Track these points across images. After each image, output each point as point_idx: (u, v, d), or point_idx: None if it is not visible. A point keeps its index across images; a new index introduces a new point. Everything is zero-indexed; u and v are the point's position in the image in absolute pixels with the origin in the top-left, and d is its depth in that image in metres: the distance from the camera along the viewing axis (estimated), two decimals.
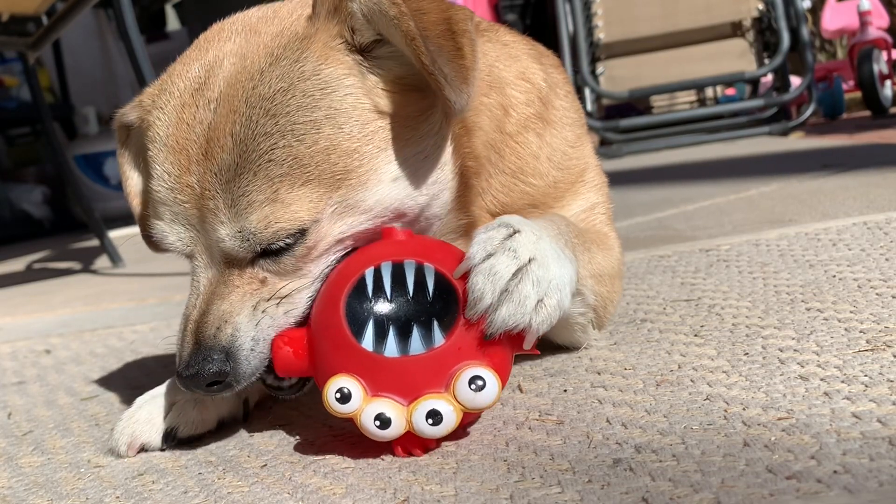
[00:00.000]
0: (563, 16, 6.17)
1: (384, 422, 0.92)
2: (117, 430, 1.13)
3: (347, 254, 1.04)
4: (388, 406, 0.92)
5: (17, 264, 4.63)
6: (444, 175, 1.09)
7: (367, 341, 0.94)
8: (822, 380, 0.96)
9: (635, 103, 7.77)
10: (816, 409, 0.88)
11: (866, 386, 0.92)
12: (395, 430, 0.92)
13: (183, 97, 1.04)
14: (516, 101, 1.22)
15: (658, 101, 8.86)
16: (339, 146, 0.99)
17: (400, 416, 0.92)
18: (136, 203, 1.29)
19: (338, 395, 0.93)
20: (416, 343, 0.94)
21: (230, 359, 1.01)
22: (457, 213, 1.15)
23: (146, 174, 1.13)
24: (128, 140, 1.25)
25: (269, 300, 1.03)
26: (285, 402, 1.26)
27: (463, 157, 1.13)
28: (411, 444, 0.94)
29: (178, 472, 1.03)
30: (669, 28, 6.25)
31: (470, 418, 0.97)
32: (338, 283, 0.98)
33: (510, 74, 1.23)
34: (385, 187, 1.03)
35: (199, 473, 1.02)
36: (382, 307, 0.96)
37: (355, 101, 1.01)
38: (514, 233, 0.99)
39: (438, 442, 0.96)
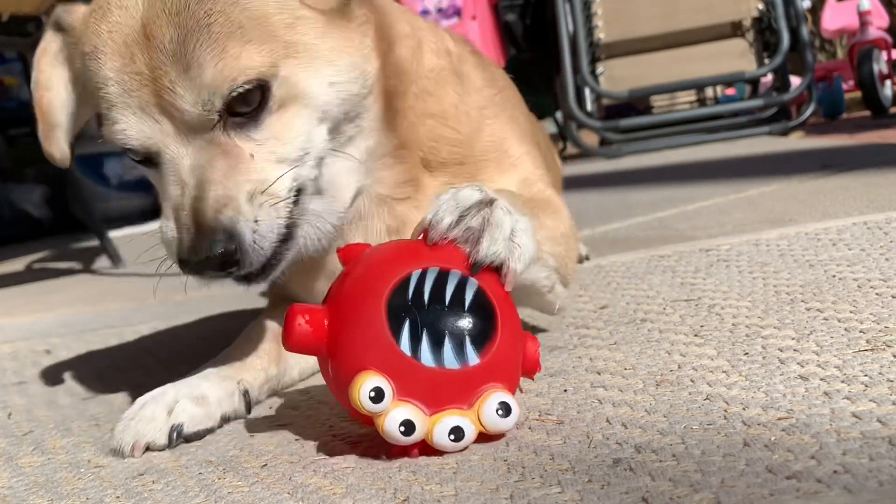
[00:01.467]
0: (563, 16, 6.16)
1: (409, 428, 0.90)
2: (119, 431, 1.13)
3: (390, 250, 1.03)
4: (414, 413, 0.91)
5: (17, 264, 4.63)
6: (369, 80, 1.18)
7: (405, 344, 0.93)
8: (822, 380, 0.96)
9: (635, 103, 7.77)
10: (816, 408, 0.88)
11: (866, 386, 0.92)
12: (415, 438, 0.91)
13: (114, 2, 1.08)
14: (428, 48, 1.32)
15: (658, 100, 8.87)
16: (273, 17, 1.06)
17: (423, 424, 0.91)
18: (43, 95, 1.26)
19: (372, 394, 0.90)
20: (449, 356, 0.93)
21: (234, 238, 1.03)
22: (387, 133, 1.24)
23: (89, 87, 1.14)
24: (61, 33, 1.23)
25: (263, 192, 1.06)
26: (288, 391, 1.26)
27: (387, 74, 1.22)
28: (412, 445, 0.94)
29: (178, 472, 1.03)
30: (669, 28, 6.25)
31: (481, 438, 0.97)
32: (382, 277, 0.96)
33: (424, 31, 1.34)
34: (321, 77, 1.10)
35: (199, 473, 1.02)
36: (419, 312, 0.94)
37: None
38: (461, 189, 1.04)
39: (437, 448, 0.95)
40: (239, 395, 1.20)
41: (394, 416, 0.90)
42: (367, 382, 0.91)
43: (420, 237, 1.01)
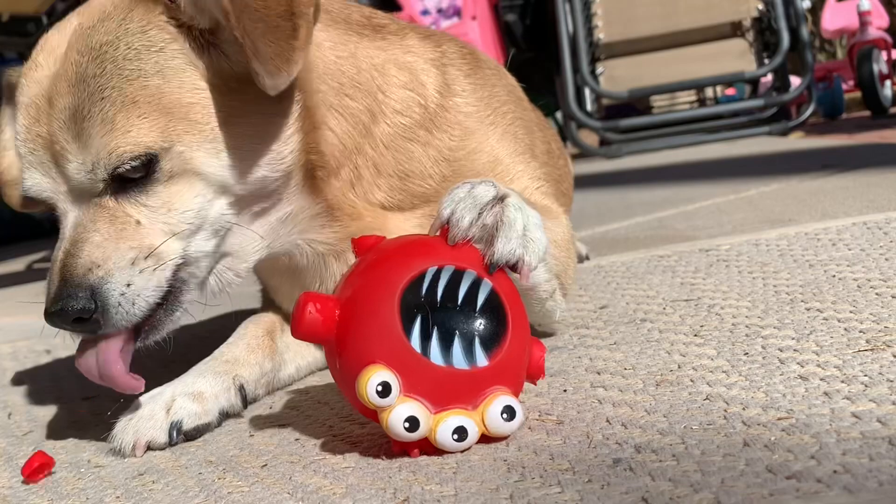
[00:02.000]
0: (562, 16, 6.16)
1: (413, 424, 0.90)
2: (119, 431, 1.13)
3: (407, 245, 1.02)
4: (419, 410, 0.91)
5: (17, 264, 4.63)
6: (284, 164, 1.18)
7: (415, 341, 0.93)
8: (821, 380, 0.96)
9: (635, 103, 7.77)
10: (816, 408, 0.88)
11: (866, 386, 0.92)
12: (419, 435, 0.91)
13: (36, 59, 1.15)
14: (389, 108, 1.28)
15: (658, 100, 8.87)
16: (169, 94, 1.09)
17: (427, 422, 0.91)
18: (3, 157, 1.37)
19: (379, 388, 0.90)
20: (458, 355, 0.93)
21: (96, 297, 1.06)
22: (312, 198, 1.23)
23: None
24: (11, 99, 1.30)
25: (147, 258, 1.09)
26: (287, 391, 1.26)
27: (308, 151, 1.20)
28: (412, 444, 0.94)
29: (178, 472, 1.03)
30: (669, 28, 6.25)
31: (482, 439, 0.96)
32: (398, 272, 0.95)
33: (391, 83, 1.29)
34: (220, 158, 1.12)
35: (199, 473, 1.02)
36: (432, 310, 0.94)
37: (183, 63, 1.11)
38: (476, 185, 1.05)
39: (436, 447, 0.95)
40: (235, 389, 1.21)
41: (399, 411, 0.90)
42: (374, 376, 0.90)
43: (437, 233, 1.01)
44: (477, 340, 0.94)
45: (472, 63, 1.46)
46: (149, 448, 1.12)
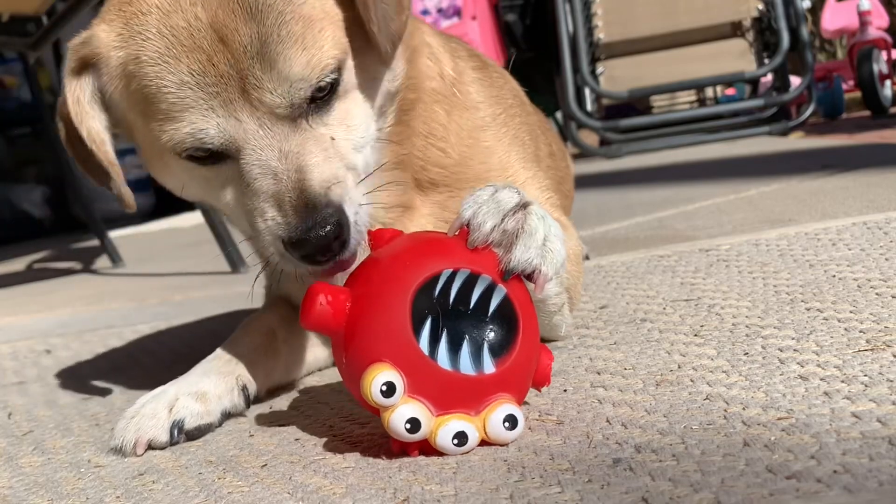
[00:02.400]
0: (562, 16, 6.16)
1: (414, 426, 0.90)
2: (121, 429, 1.13)
3: (424, 243, 1.01)
4: (422, 412, 0.91)
5: (17, 264, 4.63)
6: (398, 80, 1.22)
7: (424, 342, 0.92)
8: (821, 379, 0.96)
9: (635, 103, 7.77)
10: (816, 408, 0.88)
11: (866, 386, 0.92)
12: (419, 436, 0.91)
13: (150, 8, 1.07)
14: (422, 74, 1.30)
15: (658, 100, 8.86)
16: (331, 9, 1.11)
17: (428, 424, 0.91)
18: (103, 140, 1.22)
19: (384, 388, 0.90)
20: (465, 360, 0.93)
21: (341, 217, 1.04)
22: (390, 146, 1.24)
23: (135, 99, 1.12)
24: (84, 74, 1.18)
25: (354, 176, 1.10)
26: (287, 391, 1.26)
27: (405, 84, 1.24)
28: (412, 445, 0.94)
29: (178, 472, 1.03)
30: (669, 28, 6.25)
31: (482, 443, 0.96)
32: (412, 271, 0.95)
33: (420, 51, 1.31)
34: (369, 69, 1.15)
35: (199, 473, 1.02)
36: (443, 312, 0.94)
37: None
38: (500, 189, 1.04)
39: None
40: (238, 390, 1.21)
41: (401, 412, 0.90)
42: (380, 375, 0.90)
43: (457, 233, 1.00)
44: (486, 347, 0.94)
45: (480, 62, 1.48)
46: (150, 447, 1.12)
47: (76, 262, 4.26)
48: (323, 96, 1.09)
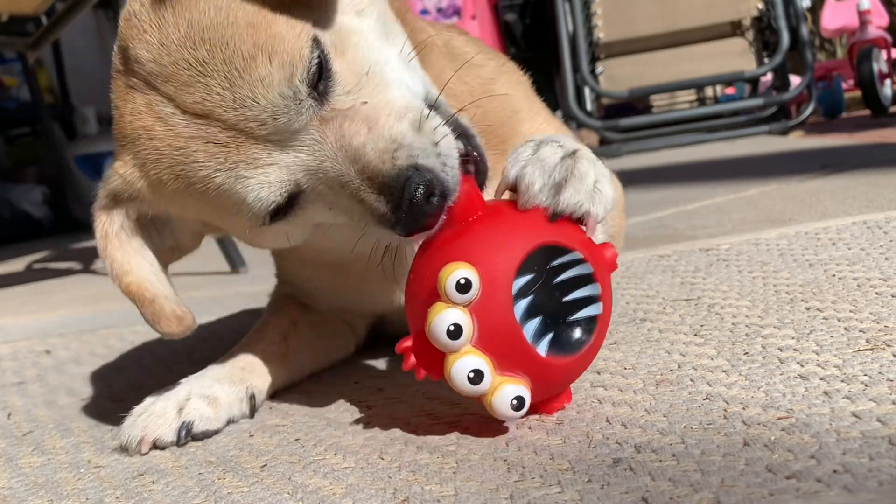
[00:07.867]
0: (562, 15, 6.17)
1: (478, 375, 0.90)
2: (128, 426, 1.13)
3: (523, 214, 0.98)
4: (486, 366, 0.91)
5: (17, 264, 4.63)
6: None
7: (519, 312, 0.93)
8: (821, 379, 0.96)
9: (635, 103, 7.78)
10: (816, 408, 0.88)
11: (866, 385, 0.92)
12: (479, 390, 0.91)
13: (151, 130, 1.01)
14: (416, 28, 1.21)
15: (658, 100, 8.87)
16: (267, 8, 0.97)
17: (489, 379, 0.91)
18: (129, 282, 1.17)
19: (462, 281, 0.89)
20: (544, 345, 0.95)
21: (424, 172, 0.95)
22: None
23: (195, 204, 1.06)
24: (117, 210, 1.14)
25: (419, 117, 0.99)
26: (289, 390, 1.26)
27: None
28: (418, 368, 0.94)
29: (178, 472, 1.03)
30: (669, 27, 6.26)
31: (483, 434, 0.97)
32: (529, 233, 0.94)
33: (408, 11, 1.24)
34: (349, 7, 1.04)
35: (199, 473, 1.02)
36: (546, 291, 0.96)
37: None
38: (542, 145, 1.00)
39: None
40: (246, 399, 1.21)
41: (465, 362, 0.90)
42: (458, 270, 0.89)
43: (505, 195, 0.99)
44: (566, 342, 0.96)
45: (478, 43, 1.43)
46: (154, 446, 1.12)
47: (76, 263, 4.26)
48: (321, 75, 0.98)
